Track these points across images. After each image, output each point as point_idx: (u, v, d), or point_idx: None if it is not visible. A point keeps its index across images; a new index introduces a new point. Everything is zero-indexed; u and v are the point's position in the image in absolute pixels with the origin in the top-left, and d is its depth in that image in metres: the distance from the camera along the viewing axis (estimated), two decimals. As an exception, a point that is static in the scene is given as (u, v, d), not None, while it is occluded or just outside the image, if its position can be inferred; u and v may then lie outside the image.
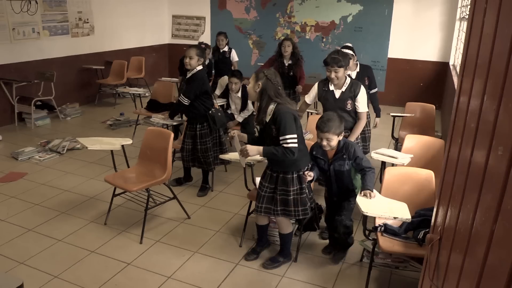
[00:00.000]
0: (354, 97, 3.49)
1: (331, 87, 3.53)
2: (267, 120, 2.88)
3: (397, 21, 7.90)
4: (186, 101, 3.99)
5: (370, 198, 2.74)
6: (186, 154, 4.21)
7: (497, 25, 1.15)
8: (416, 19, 7.77)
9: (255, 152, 2.83)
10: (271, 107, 2.85)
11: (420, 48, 7.87)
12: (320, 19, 8.51)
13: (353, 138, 3.54)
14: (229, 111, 5.18)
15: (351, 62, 4.11)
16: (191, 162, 4.25)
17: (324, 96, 3.59)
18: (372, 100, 4.48)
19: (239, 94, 5.02)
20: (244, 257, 3.25)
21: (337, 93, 3.52)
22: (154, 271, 3.08)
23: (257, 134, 3.22)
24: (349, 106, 3.51)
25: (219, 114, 4.15)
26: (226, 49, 6.28)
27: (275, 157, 2.81)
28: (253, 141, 3.00)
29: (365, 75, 4.39)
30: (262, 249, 3.32)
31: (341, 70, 3.37)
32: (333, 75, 3.38)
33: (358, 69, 4.38)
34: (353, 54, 4.26)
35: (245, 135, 3.04)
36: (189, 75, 4.01)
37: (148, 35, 9.34)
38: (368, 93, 4.31)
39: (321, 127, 2.85)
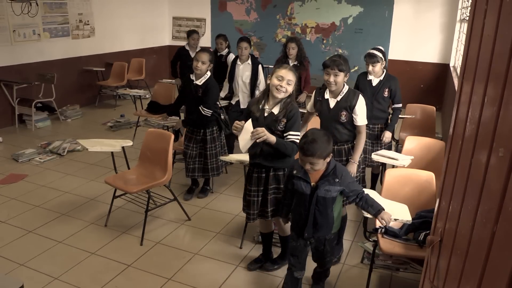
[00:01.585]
0: (350, 108, 3.10)
1: (326, 96, 3.18)
2: (276, 112, 2.78)
3: (397, 22, 7.91)
4: (210, 112, 3.89)
5: (390, 223, 2.48)
6: (190, 160, 4.03)
7: (498, 27, 1.15)
8: (416, 20, 7.78)
9: (269, 136, 2.66)
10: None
11: (420, 50, 7.87)
12: (320, 20, 8.52)
13: (357, 155, 3.16)
14: (233, 102, 4.97)
15: (378, 66, 3.85)
16: (192, 172, 4.07)
17: (318, 105, 3.25)
18: (392, 116, 4.06)
19: (249, 61, 4.81)
20: (247, 266, 3.18)
21: (332, 103, 3.15)
22: (155, 273, 3.07)
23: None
24: (343, 118, 3.12)
25: (227, 117, 4.14)
26: (224, 52, 5.83)
27: (282, 150, 2.73)
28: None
29: (387, 86, 3.95)
30: (267, 260, 3.20)
31: (341, 75, 3.03)
32: (332, 78, 3.03)
33: (382, 77, 3.94)
34: (382, 58, 3.87)
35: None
36: (200, 82, 3.84)
37: (148, 37, 9.35)
38: (388, 107, 4.02)
39: (303, 150, 2.39)
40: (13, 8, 6.28)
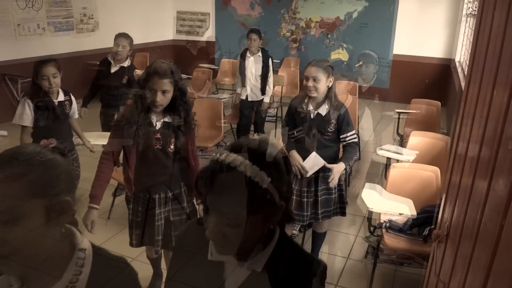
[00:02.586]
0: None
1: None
2: (323, 113, 2.65)
3: (402, 17, 7.86)
4: None
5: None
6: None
7: (505, 23, 1.13)
8: (421, 16, 7.73)
9: (340, 172, 2.62)
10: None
11: (425, 45, 7.82)
12: (325, 15, 8.47)
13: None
14: (242, 97, 4.87)
15: (372, 66, 3.79)
16: None
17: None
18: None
19: (260, 54, 4.75)
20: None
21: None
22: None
23: None
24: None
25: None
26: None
27: (349, 161, 2.76)
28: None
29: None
30: None
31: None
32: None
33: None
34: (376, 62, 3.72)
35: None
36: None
37: (152, 32, 9.31)
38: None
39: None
40: (17, 2, 6.29)
